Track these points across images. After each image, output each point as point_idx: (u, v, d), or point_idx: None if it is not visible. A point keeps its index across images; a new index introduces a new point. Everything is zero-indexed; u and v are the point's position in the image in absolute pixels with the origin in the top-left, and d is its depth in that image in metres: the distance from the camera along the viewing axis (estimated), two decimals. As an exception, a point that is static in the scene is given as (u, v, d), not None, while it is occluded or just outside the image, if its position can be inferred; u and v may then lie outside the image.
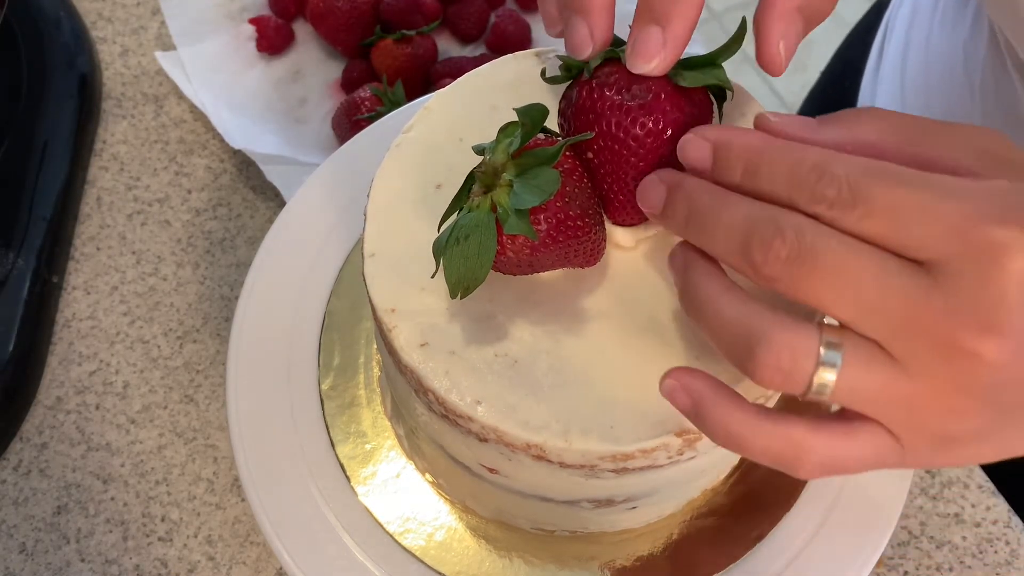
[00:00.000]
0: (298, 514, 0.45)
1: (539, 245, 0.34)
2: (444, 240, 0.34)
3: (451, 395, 0.36)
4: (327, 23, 0.65)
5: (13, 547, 0.52)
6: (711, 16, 1.68)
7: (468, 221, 0.34)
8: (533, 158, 0.34)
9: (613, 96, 0.35)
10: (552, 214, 0.34)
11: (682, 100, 0.35)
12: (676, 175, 0.34)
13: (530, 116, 0.34)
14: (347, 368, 0.49)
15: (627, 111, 0.35)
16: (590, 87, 0.36)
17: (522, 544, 0.45)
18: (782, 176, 0.30)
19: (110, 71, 0.66)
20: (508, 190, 0.33)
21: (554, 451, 0.36)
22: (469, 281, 0.34)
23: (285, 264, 0.51)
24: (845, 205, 0.29)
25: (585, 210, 0.35)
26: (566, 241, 0.35)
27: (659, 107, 0.34)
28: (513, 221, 0.33)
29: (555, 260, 0.36)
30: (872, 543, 0.45)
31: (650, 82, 0.35)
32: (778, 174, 0.31)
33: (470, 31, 0.67)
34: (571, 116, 0.36)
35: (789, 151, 0.31)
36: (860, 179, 0.29)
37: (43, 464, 0.54)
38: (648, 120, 0.35)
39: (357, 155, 0.52)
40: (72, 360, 0.57)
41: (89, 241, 0.60)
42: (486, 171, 0.35)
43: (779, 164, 0.31)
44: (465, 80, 0.43)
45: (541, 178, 0.33)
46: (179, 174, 0.63)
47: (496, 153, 0.34)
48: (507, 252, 0.34)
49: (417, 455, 0.46)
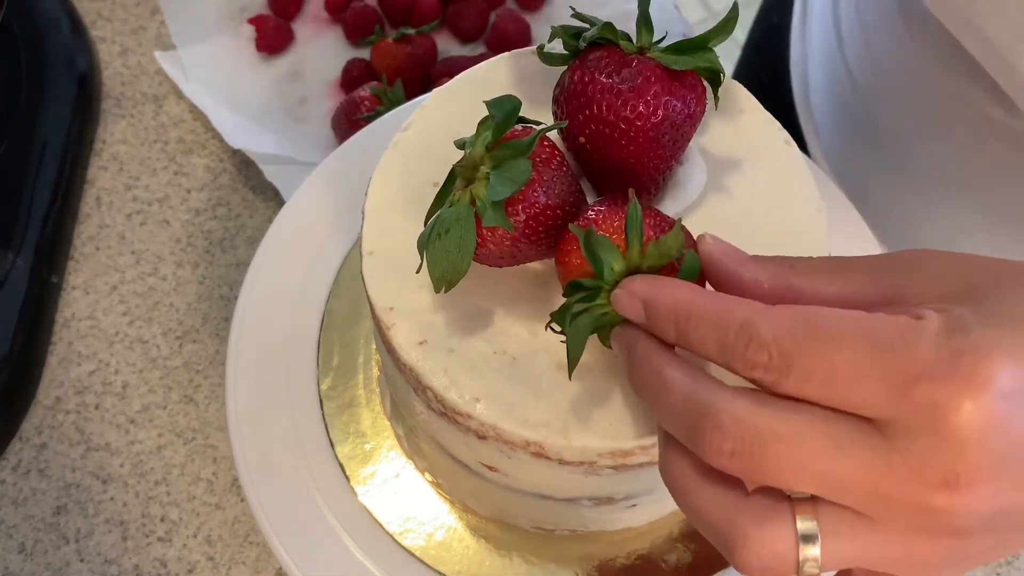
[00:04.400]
0: (298, 514, 0.45)
1: (518, 236, 0.34)
2: (427, 235, 0.35)
3: (450, 393, 0.36)
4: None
5: (12, 547, 0.51)
6: (711, 16, 1.68)
7: (449, 215, 0.34)
8: (509, 150, 0.34)
9: (604, 80, 0.35)
10: (529, 204, 0.34)
11: (673, 83, 0.35)
12: (630, 335, 0.32)
13: (500, 109, 0.34)
14: (346, 368, 0.49)
15: (618, 94, 0.35)
16: (582, 71, 0.36)
17: (522, 543, 0.45)
18: (712, 342, 0.30)
19: (109, 71, 0.66)
20: (486, 183, 0.34)
21: (553, 448, 0.36)
22: (452, 275, 0.34)
23: (284, 264, 0.51)
24: (779, 371, 0.28)
25: (564, 198, 0.35)
26: (545, 231, 0.35)
27: (649, 90, 0.35)
28: (490, 213, 0.33)
29: (538, 251, 0.36)
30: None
31: (641, 66, 0.35)
32: (708, 339, 0.30)
33: (470, 31, 0.67)
34: (563, 101, 0.36)
35: (715, 313, 0.30)
36: (788, 343, 0.28)
37: (42, 464, 0.54)
38: (639, 103, 0.35)
39: (356, 154, 0.52)
40: (71, 360, 0.57)
41: (88, 241, 0.60)
42: (466, 165, 0.35)
43: (707, 328, 0.30)
44: (463, 78, 0.43)
45: (514, 169, 0.33)
46: (178, 174, 0.63)
47: (475, 147, 0.34)
48: (488, 244, 0.35)
49: (417, 454, 0.46)
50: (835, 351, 0.28)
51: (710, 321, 0.30)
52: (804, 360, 0.28)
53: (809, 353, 0.28)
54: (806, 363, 0.28)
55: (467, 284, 0.38)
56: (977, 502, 0.28)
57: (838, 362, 0.28)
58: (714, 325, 0.30)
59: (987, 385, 0.27)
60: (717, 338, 0.29)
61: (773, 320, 0.29)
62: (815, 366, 0.28)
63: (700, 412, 0.29)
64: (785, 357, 0.28)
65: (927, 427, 0.27)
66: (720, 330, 0.29)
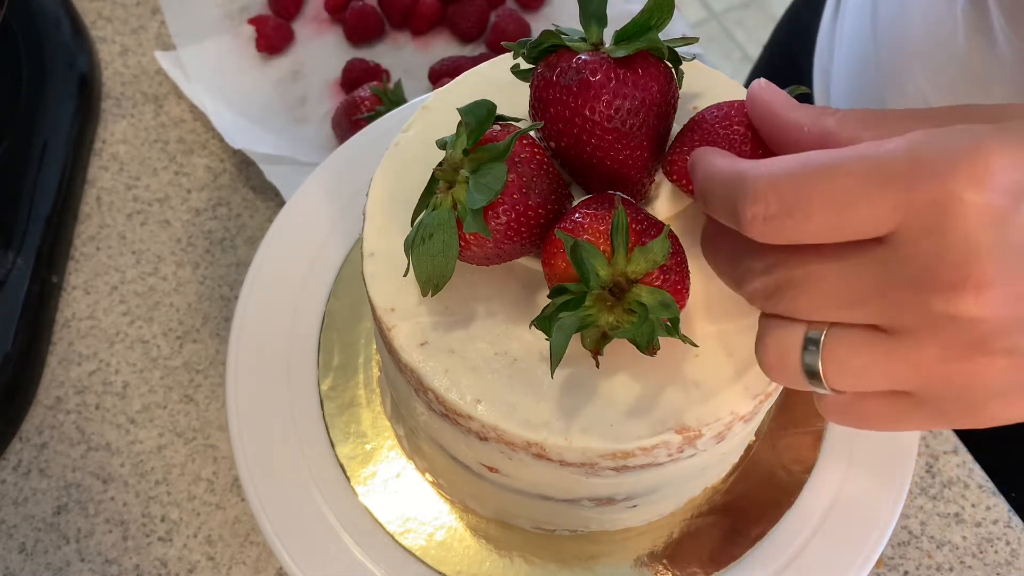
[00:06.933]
0: (298, 514, 0.45)
1: (501, 239, 0.35)
2: (411, 239, 0.35)
3: (451, 394, 0.36)
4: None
5: (13, 547, 0.52)
6: (711, 16, 1.68)
7: (431, 220, 0.34)
8: (487, 153, 0.34)
9: (556, 81, 0.35)
10: (510, 207, 0.34)
11: (624, 71, 0.35)
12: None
13: (474, 115, 0.34)
14: (347, 368, 0.49)
15: (569, 92, 0.35)
16: (538, 78, 0.36)
17: (523, 544, 0.45)
18: (722, 201, 0.31)
19: (110, 71, 0.66)
20: (466, 187, 0.34)
21: (554, 449, 0.36)
22: (437, 279, 0.35)
23: (285, 264, 0.51)
24: (780, 217, 0.29)
25: (547, 197, 0.35)
26: (528, 231, 0.35)
27: (596, 83, 0.35)
28: (470, 220, 0.33)
29: (524, 250, 0.36)
30: (872, 543, 0.45)
31: (589, 61, 0.35)
32: (720, 201, 0.31)
33: (470, 31, 0.67)
34: (534, 108, 0.37)
35: (721, 172, 0.31)
36: (785, 185, 0.29)
37: (43, 464, 0.54)
38: (589, 97, 0.35)
39: (356, 155, 0.52)
40: (72, 360, 0.57)
41: (89, 241, 0.60)
42: (446, 169, 0.35)
43: (718, 188, 0.31)
44: (463, 79, 0.43)
45: (491, 175, 0.33)
46: (179, 174, 0.63)
47: (454, 149, 0.35)
48: (471, 248, 0.35)
49: (417, 455, 0.46)
50: (831, 179, 0.28)
51: (719, 180, 0.31)
52: (801, 197, 0.29)
53: (804, 189, 0.29)
54: (804, 199, 0.29)
55: (468, 285, 0.38)
56: (986, 305, 0.27)
57: (835, 188, 0.28)
58: (720, 184, 0.31)
59: (986, 178, 0.27)
60: (723, 197, 0.31)
61: (768, 169, 0.30)
62: (813, 200, 0.28)
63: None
64: (782, 200, 0.29)
65: (930, 227, 0.27)
66: (724, 188, 0.31)
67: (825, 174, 0.29)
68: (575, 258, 0.32)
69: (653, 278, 0.33)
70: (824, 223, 0.29)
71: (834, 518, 0.46)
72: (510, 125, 0.36)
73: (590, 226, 0.34)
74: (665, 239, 0.33)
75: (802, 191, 0.29)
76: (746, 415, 0.37)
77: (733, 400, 0.36)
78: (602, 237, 0.33)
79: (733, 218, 0.30)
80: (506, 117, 0.36)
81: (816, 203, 0.28)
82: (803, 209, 0.29)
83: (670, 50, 0.36)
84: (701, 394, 0.36)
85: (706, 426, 0.36)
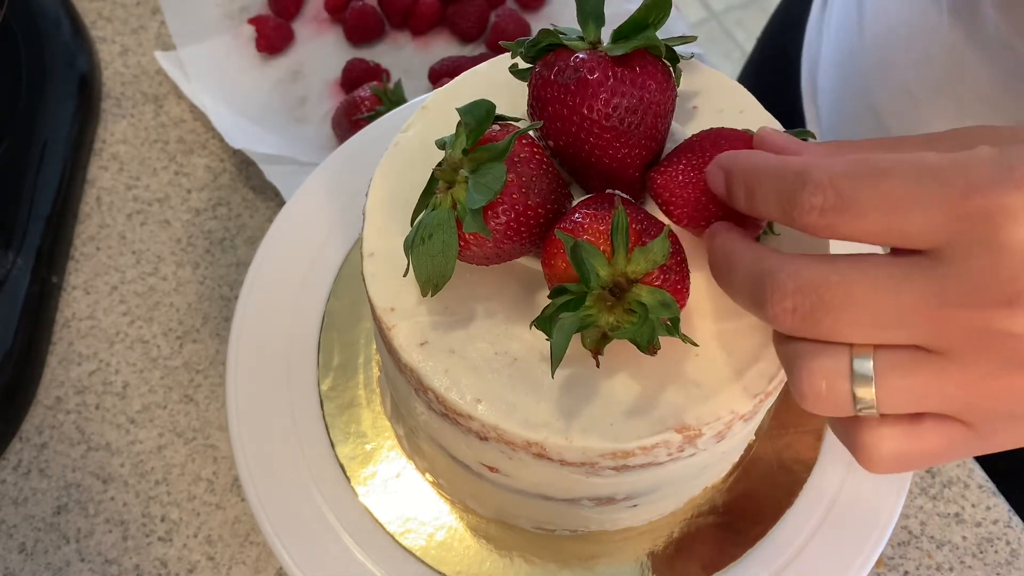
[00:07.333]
0: (298, 514, 0.45)
1: (501, 238, 0.35)
2: (411, 239, 0.35)
3: (451, 394, 0.36)
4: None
5: (13, 547, 0.52)
6: (711, 16, 1.68)
7: (431, 220, 0.34)
8: (486, 153, 0.34)
9: (554, 80, 0.35)
10: (510, 207, 0.34)
11: (622, 69, 0.35)
12: (713, 228, 0.35)
13: (473, 115, 0.34)
14: (347, 368, 0.49)
15: (567, 91, 0.35)
16: (536, 77, 0.36)
17: (523, 544, 0.45)
18: (773, 194, 0.31)
19: (110, 71, 0.66)
20: (465, 187, 0.34)
21: (554, 449, 0.36)
22: (437, 279, 0.35)
23: (284, 264, 0.51)
24: (835, 211, 0.29)
25: (546, 197, 0.35)
26: (528, 231, 0.35)
27: (594, 81, 0.35)
28: (469, 220, 0.33)
29: (524, 249, 0.36)
30: (872, 542, 0.45)
31: (587, 60, 0.35)
32: (770, 194, 0.31)
33: (470, 31, 0.67)
34: (532, 107, 0.37)
35: (775, 166, 0.31)
36: (843, 181, 0.29)
37: (43, 464, 0.54)
38: (587, 96, 0.35)
39: (356, 155, 0.52)
40: (72, 360, 0.57)
41: (89, 241, 0.60)
42: (445, 169, 0.35)
43: (769, 181, 0.31)
44: (463, 79, 0.43)
45: (490, 176, 0.33)
46: (179, 174, 0.63)
47: (454, 149, 0.35)
48: (471, 248, 0.35)
49: (417, 455, 0.46)
50: (888, 182, 0.28)
51: (771, 173, 0.31)
52: (858, 195, 0.29)
53: (862, 187, 0.29)
54: (860, 197, 0.29)
55: (467, 285, 0.38)
56: None
57: (891, 191, 0.28)
58: (774, 176, 0.31)
59: None
60: (777, 188, 0.31)
61: (828, 163, 0.30)
62: (869, 199, 0.28)
63: (762, 278, 0.31)
64: (840, 194, 0.29)
65: (983, 241, 0.27)
66: (779, 180, 0.31)
67: (884, 175, 0.29)
68: (575, 258, 0.32)
69: (653, 278, 0.33)
70: (877, 223, 0.29)
71: (834, 518, 0.46)
72: (509, 125, 0.36)
73: (590, 226, 0.34)
74: (665, 239, 0.33)
75: (859, 189, 0.29)
76: (746, 414, 0.37)
77: (733, 399, 0.36)
78: (602, 237, 0.33)
79: (787, 207, 0.30)
80: (505, 117, 0.36)
81: (872, 202, 0.29)
82: (859, 207, 0.29)
83: (668, 48, 0.36)
84: (701, 393, 0.36)
85: (706, 425, 0.36)
